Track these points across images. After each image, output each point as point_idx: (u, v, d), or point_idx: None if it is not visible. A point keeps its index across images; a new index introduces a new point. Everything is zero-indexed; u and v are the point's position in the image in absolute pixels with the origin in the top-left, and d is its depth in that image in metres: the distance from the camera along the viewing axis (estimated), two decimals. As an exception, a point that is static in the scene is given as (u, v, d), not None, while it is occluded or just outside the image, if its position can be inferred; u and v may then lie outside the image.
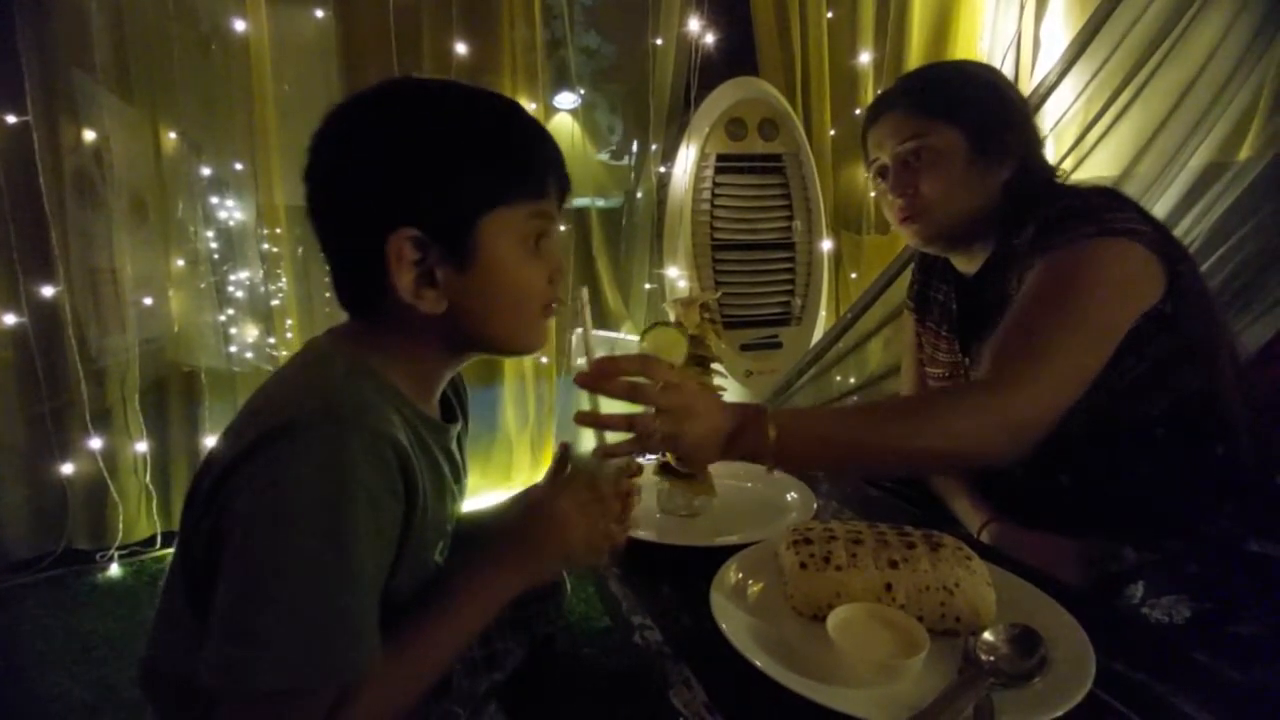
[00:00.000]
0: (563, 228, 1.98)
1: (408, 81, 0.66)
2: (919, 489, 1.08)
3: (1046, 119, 1.82)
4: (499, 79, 2.03)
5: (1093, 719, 0.54)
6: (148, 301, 1.67)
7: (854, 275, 2.48)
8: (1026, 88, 1.98)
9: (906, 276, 1.92)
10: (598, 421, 0.70)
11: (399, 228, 0.58)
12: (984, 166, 0.92)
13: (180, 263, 1.65)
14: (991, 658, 0.57)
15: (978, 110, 0.92)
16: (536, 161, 0.64)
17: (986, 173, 0.92)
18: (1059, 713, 0.51)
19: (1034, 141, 0.96)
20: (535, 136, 0.65)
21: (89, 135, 1.59)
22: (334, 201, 0.62)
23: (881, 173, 0.99)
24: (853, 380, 2.14)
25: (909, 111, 0.95)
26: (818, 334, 2.22)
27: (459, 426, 0.72)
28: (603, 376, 0.67)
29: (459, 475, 0.72)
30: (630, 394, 0.68)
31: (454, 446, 0.71)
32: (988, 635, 0.59)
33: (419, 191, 0.59)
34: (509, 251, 0.62)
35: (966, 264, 1.01)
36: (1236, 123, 1.70)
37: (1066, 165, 1.76)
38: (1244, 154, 1.67)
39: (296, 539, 0.52)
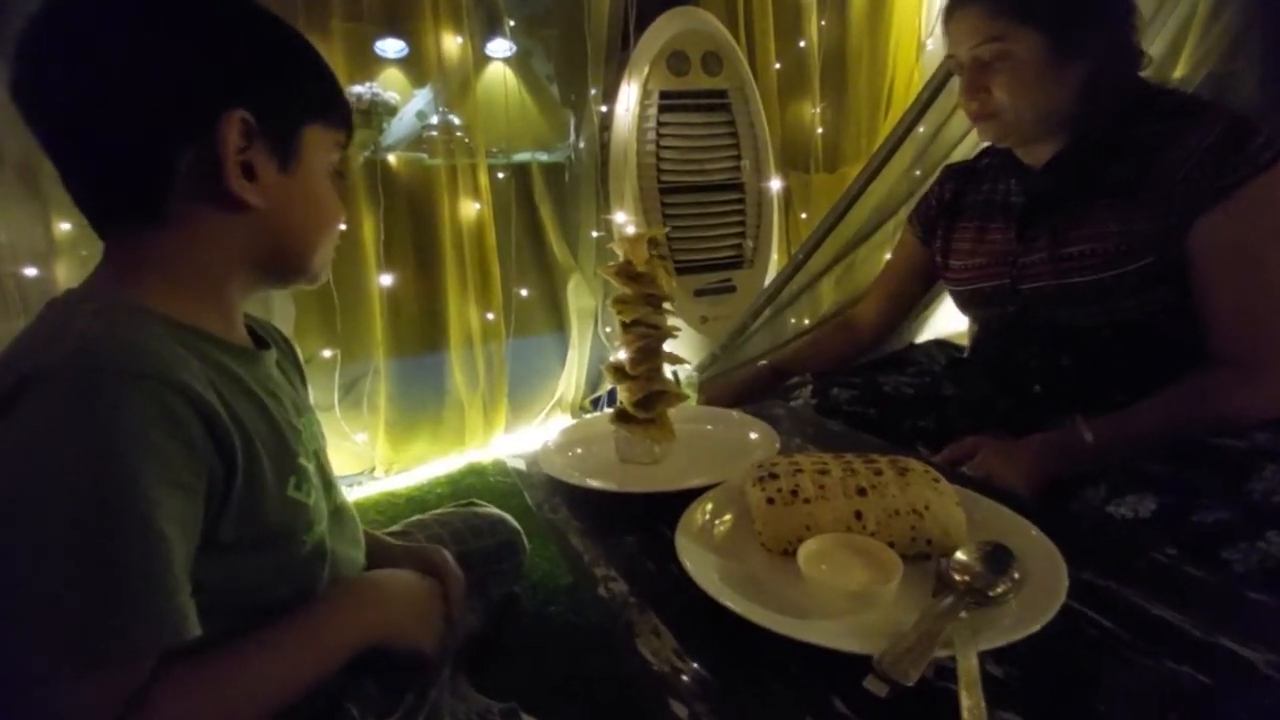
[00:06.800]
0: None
1: None
2: (880, 415, 1.08)
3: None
4: (419, 24, 1.87)
5: (1070, 631, 0.53)
6: (31, 273, 1.46)
7: (804, 215, 2.45)
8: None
9: (860, 213, 1.92)
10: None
11: (234, 109, 0.54)
12: (1063, 66, 0.88)
13: (66, 226, 1.47)
14: (966, 578, 0.55)
15: (1062, 6, 0.87)
16: (345, 99, 0.65)
17: (1066, 72, 0.89)
18: (1036, 627, 0.50)
19: (1125, 29, 0.90)
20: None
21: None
22: (142, 83, 0.53)
23: (957, 68, 0.95)
24: (806, 321, 2.13)
25: (988, 9, 0.89)
26: (770, 276, 2.19)
27: (273, 354, 0.66)
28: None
29: (295, 405, 0.66)
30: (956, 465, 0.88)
31: (275, 375, 0.65)
32: (960, 555, 0.58)
33: (256, 74, 0.57)
34: (321, 168, 0.63)
35: (1035, 156, 0.98)
36: (1170, 43, 1.71)
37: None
38: (1178, 73, 1.68)
39: (61, 505, 0.44)
